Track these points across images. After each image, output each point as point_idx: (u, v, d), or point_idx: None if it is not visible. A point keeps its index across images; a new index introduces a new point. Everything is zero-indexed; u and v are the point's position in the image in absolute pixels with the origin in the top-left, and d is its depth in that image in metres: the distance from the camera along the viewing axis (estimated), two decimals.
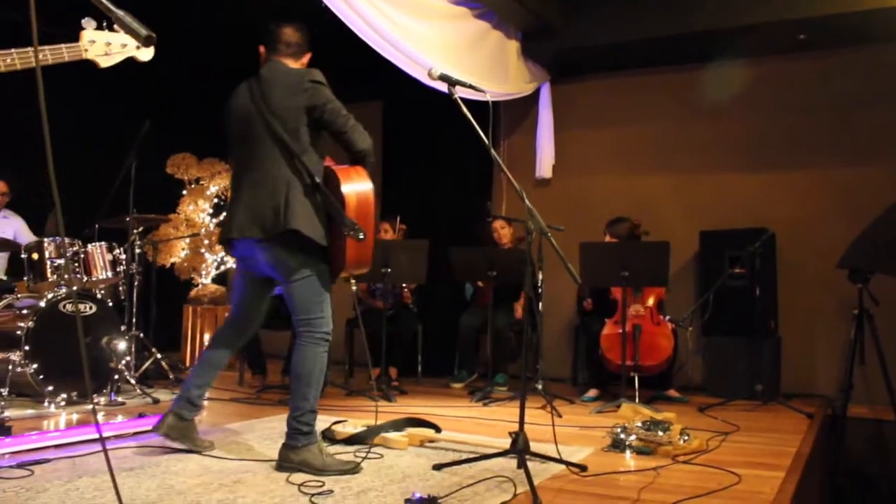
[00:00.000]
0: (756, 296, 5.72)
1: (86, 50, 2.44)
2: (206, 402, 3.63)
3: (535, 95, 7.27)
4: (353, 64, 6.38)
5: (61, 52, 2.40)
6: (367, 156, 3.30)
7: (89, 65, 2.50)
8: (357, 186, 3.25)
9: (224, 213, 4.56)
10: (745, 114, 6.79)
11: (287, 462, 3.20)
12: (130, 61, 2.60)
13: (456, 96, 3.36)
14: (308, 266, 3.23)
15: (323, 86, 3.25)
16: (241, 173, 3.35)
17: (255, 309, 3.55)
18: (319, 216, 3.19)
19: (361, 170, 3.31)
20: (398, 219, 6.66)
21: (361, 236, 3.12)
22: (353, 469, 3.23)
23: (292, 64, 3.38)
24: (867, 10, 5.69)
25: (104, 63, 2.48)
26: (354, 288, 4.62)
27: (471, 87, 3.50)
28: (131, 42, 2.53)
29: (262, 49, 3.44)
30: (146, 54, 2.58)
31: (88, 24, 2.43)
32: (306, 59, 3.45)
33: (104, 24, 2.45)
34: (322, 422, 4.00)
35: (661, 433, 3.75)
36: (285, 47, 3.38)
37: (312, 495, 2.81)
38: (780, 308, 6.39)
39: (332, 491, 2.88)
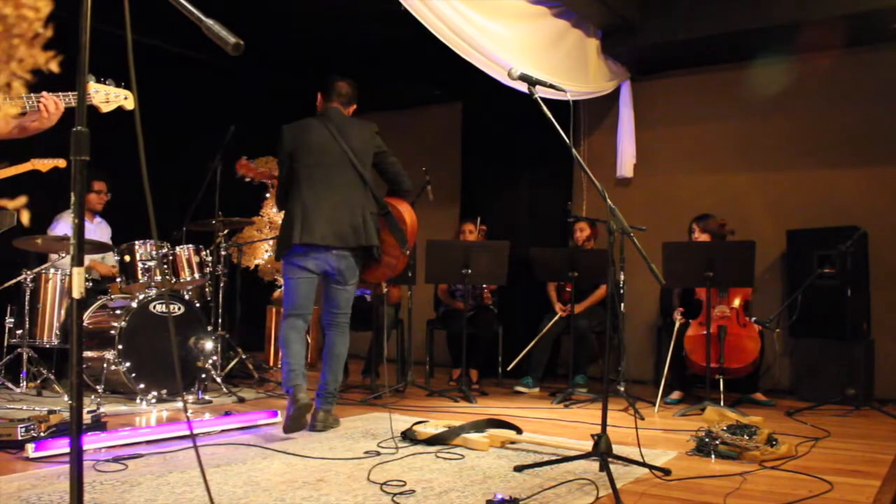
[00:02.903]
0: (847, 297, 5.52)
1: (92, 97, 2.87)
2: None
3: (615, 94, 7.19)
4: (432, 66, 6.44)
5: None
6: (410, 192, 4.39)
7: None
8: (411, 213, 4.29)
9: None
10: (832, 107, 6.55)
11: (330, 417, 4.16)
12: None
13: (536, 96, 3.35)
14: (358, 274, 4.18)
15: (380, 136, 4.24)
16: (319, 191, 4.06)
17: (312, 300, 4.18)
18: (379, 236, 4.14)
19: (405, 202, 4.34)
20: (478, 220, 6.65)
21: (408, 252, 4.20)
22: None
23: (344, 111, 4.23)
24: None
25: (105, 109, 2.89)
26: (385, 290, 5.75)
27: (551, 86, 3.49)
28: (121, 94, 3.01)
29: (319, 95, 4.27)
30: (131, 104, 3.01)
31: (90, 77, 2.85)
32: (353, 108, 4.31)
33: (101, 78, 2.90)
34: (403, 422, 4.06)
35: (747, 437, 3.65)
36: (338, 97, 4.23)
37: (395, 495, 2.84)
38: (873, 310, 6.14)
39: (413, 490, 2.91)
